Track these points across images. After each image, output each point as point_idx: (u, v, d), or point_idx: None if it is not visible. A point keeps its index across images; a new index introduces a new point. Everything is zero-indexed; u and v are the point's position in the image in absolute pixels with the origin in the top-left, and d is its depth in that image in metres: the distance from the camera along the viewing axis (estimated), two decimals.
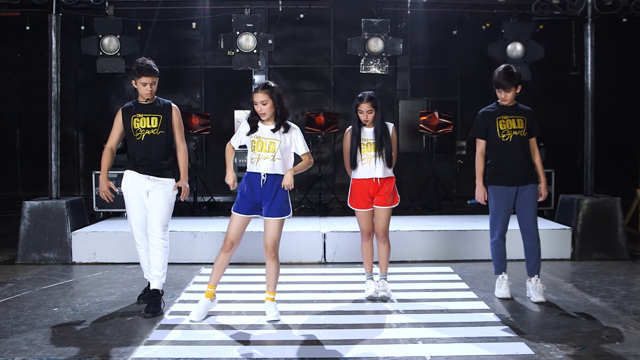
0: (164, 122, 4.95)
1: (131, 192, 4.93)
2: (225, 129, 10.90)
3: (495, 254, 5.17)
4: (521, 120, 5.04)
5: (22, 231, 6.68)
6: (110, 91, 11.46)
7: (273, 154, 4.51)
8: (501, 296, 5.11)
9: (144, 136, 4.90)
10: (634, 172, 9.60)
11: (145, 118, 4.93)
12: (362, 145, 5.05)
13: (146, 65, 4.86)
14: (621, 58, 10.96)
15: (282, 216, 4.53)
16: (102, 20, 8.17)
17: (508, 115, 5.05)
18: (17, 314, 4.71)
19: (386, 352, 3.89)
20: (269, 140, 4.52)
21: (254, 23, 8.30)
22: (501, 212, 5.08)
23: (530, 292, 5.10)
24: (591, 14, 7.04)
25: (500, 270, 5.18)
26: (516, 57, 8.19)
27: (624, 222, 6.90)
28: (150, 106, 4.97)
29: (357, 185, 5.09)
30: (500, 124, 5.04)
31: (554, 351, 3.87)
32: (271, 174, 4.50)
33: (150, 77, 4.86)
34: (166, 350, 3.95)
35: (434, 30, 10.61)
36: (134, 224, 4.94)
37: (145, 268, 5.05)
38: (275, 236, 4.55)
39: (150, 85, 4.87)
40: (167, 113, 4.98)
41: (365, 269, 5.27)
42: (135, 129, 4.90)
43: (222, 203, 10.49)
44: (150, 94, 4.91)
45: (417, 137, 10.60)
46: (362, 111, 5.01)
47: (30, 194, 8.01)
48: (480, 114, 5.18)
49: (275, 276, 4.61)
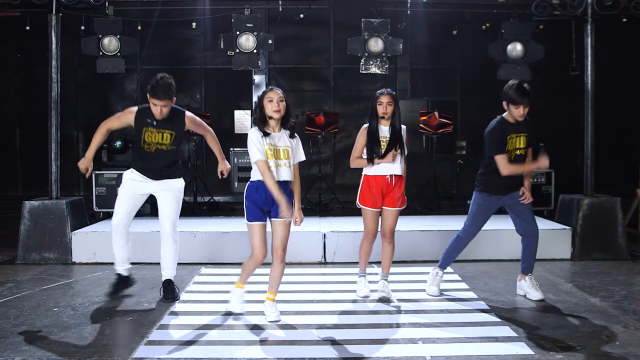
0: (177, 138, 4.97)
1: (130, 190, 4.95)
2: (225, 129, 10.90)
3: (454, 249, 5.23)
4: (524, 137, 4.99)
5: (22, 231, 6.68)
6: (110, 91, 11.46)
7: (289, 161, 4.41)
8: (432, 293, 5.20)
9: (155, 149, 4.93)
10: (634, 172, 9.60)
11: (158, 134, 4.92)
12: (382, 142, 5.00)
13: (162, 86, 4.72)
14: (621, 58, 10.95)
15: (292, 217, 4.47)
16: (102, 20, 8.18)
17: (516, 133, 4.98)
18: (17, 314, 4.71)
19: (386, 352, 3.89)
20: (282, 148, 4.40)
21: (254, 23, 8.30)
22: (483, 218, 5.12)
23: (528, 289, 5.12)
24: (591, 14, 7.04)
25: (445, 265, 5.28)
26: (516, 57, 8.19)
27: (624, 222, 6.90)
28: (164, 121, 4.91)
29: (369, 182, 5.03)
30: (510, 144, 4.97)
31: (554, 351, 3.87)
32: (282, 182, 4.37)
33: (163, 101, 4.77)
34: (166, 350, 3.95)
35: (434, 30, 10.61)
36: (118, 215, 5.03)
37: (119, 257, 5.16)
38: (285, 238, 4.50)
39: (162, 108, 4.80)
40: (180, 128, 4.98)
41: (359, 266, 5.26)
42: (146, 141, 4.89)
43: (222, 203, 10.49)
44: (160, 115, 4.85)
45: (417, 137, 10.59)
46: (382, 102, 4.95)
47: (30, 194, 7.99)
48: (494, 131, 4.98)
49: (280, 278, 4.59)
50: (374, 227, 5.10)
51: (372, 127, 5.00)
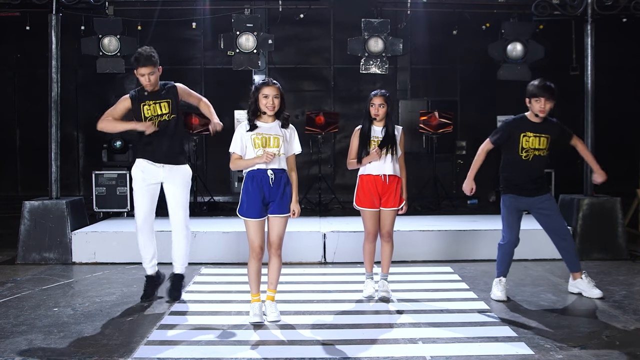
0: (174, 105, 4.98)
1: (143, 181, 4.94)
2: (225, 128, 10.84)
3: (503, 257, 5.16)
4: (545, 139, 5.00)
5: (22, 231, 6.68)
6: (110, 91, 11.44)
7: (279, 149, 4.46)
8: (497, 299, 5.09)
9: (157, 123, 4.91)
10: (634, 172, 9.60)
11: (156, 105, 4.93)
12: (373, 142, 5.03)
13: (144, 54, 4.77)
14: (621, 58, 10.95)
15: (284, 213, 4.49)
16: (102, 20, 8.17)
17: (534, 133, 4.99)
18: (17, 314, 4.71)
19: (386, 352, 3.89)
20: (272, 136, 4.46)
21: (254, 23, 8.29)
22: (512, 219, 5.07)
23: (584, 287, 5.13)
24: (591, 14, 7.04)
25: (500, 274, 5.17)
26: (516, 57, 8.19)
27: (624, 222, 6.90)
28: (156, 93, 4.95)
29: (364, 182, 5.05)
30: (524, 142, 4.98)
31: (554, 351, 3.87)
32: (278, 169, 4.45)
33: (148, 68, 4.79)
34: (166, 350, 3.95)
35: (434, 30, 10.60)
36: (141, 213, 4.99)
37: (146, 256, 5.10)
38: (281, 233, 4.53)
39: (149, 75, 4.81)
40: (174, 95, 5.00)
41: (365, 268, 5.26)
42: (146, 117, 4.90)
43: (222, 203, 10.49)
44: (150, 85, 4.87)
45: (417, 137, 10.60)
46: (374, 104, 5.00)
47: (30, 194, 7.99)
48: (507, 124, 5.07)
49: (278, 274, 4.59)
50: (373, 227, 5.10)
51: (364, 128, 5.06)
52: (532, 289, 5.42)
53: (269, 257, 4.59)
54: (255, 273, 4.51)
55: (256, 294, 4.55)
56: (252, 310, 4.52)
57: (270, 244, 4.54)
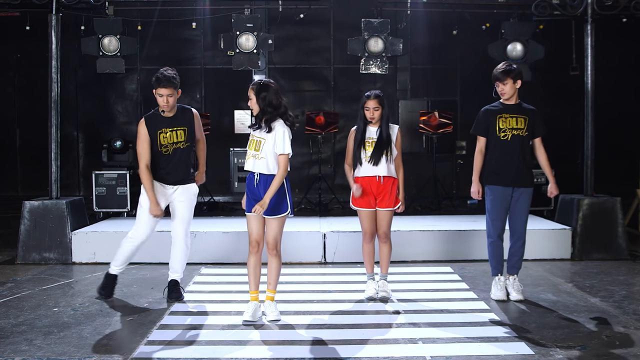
0: (189, 133, 4.99)
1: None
2: (225, 129, 10.89)
3: (493, 254, 5.15)
4: (522, 119, 5.02)
5: (22, 231, 6.68)
6: (110, 91, 11.45)
7: (258, 152, 4.50)
8: (497, 298, 5.08)
9: (172, 150, 4.95)
10: (634, 172, 9.59)
11: (172, 132, 4.95)
12: (367, 143, 5.04)
13: (166, 75, 4.76)
14: (621, 58, 10.94)
15: (275, 215, 4.51)
16: (102, 20, 8.17)
17: (509, 114, 5.03)
18: (17, 314, 4.72)
19: (386, 352, 3.89)
20: (257, 139, 4.54)
21: (254, 23, 8.29)
22: (498, 212, 5.06)
23: (510, 289, 5.11)
24: (591, 14, 7.04)
25: (497, 272, 5.15)
26: (516, 57, 8.18)
27: (624, 222, 6.90)
28: (174, 119, 4.94)
29: (360, 184, 5.06)
30: (500, 122, 5.02)
31: (554, 351, 3.87)
32: (263, 174, 4.49)
33: (168, 89, 4.78)
34: (166, 350, 3.95)
35: (434, 30, 10.59)
36: (143, 234, 5.03)
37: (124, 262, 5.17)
38: (275, 234, 4.56)
39: (167, 97, 4.80)
40: (190, 123, 5.02)
41: (366, 269, 5.27)
42: (162, 145, 4.90)
43: (222, 203, 10.48)
44: (167, 107, 4.85)
45: (417, 137, 10.60)
46: (369, 108, 5.01)
47: (30, 194, 7.99)
48: (483, 112, 5.16)
49: (277, 273, 4.61)
50: (369, 227, 5.11)
51: (358, 130, 5.08)
52: (532, 289, 5.42)
53: (268, 256, 4.61)
54: (253, 267, 4.57)
55: (254, 292, 4.58)
56: (247, 309, 4.54)
57: (266, 243, 4.60)
